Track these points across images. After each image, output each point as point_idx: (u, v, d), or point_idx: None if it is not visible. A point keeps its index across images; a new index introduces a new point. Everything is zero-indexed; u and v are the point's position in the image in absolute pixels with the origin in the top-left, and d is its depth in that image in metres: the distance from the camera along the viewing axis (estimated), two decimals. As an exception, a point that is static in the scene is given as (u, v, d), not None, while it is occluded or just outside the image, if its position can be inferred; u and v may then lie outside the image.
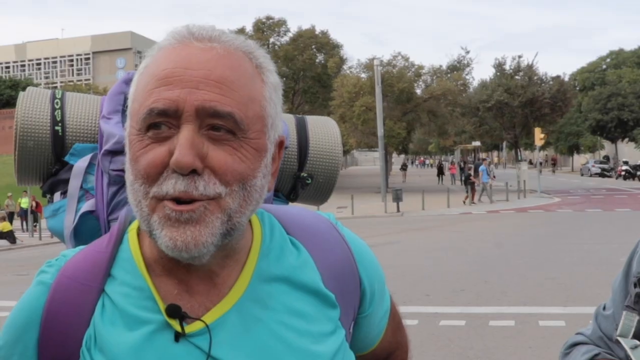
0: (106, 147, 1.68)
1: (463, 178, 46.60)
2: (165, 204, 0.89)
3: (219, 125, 0.90)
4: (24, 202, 32.24)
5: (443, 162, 60.75)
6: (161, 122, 0.89)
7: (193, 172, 0.88)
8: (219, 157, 0.90)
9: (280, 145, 1.02)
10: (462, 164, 51.88)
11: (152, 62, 0.95)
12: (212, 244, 0.90)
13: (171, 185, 0.88)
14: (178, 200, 0.88)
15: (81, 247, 1.08)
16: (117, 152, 1.66)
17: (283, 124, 1.88)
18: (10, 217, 30.84)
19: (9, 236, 24.84)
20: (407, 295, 9.30)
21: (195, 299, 0.97)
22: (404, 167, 60.39)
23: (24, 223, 32.79)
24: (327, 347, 1.01)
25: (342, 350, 1.04)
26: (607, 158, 54.56)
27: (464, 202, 30.01)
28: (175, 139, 0.88)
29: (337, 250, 1.10)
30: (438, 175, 53.47)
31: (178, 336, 0.94)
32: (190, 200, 0.88)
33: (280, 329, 0.98)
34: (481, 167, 30.74)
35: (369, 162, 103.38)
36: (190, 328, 0.95)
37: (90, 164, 1.75)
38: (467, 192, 30.40)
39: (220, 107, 0.89)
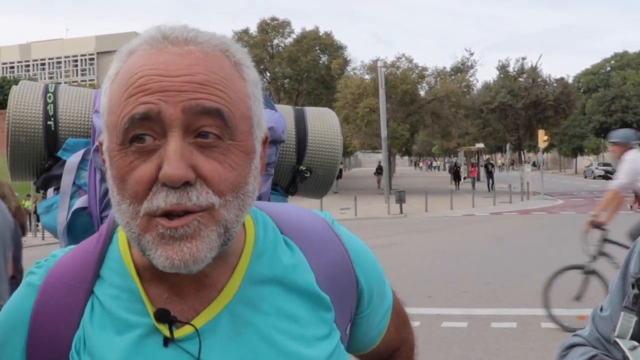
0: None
1: (492, 182, 39.95)
2: (157, 222, 0.84)
3: (206, 130, 0.85)
4: (28, 204, 32.33)
5: (459, 164, 52.24)
6: (144, 134, 0.84)
7: (185, 184, 0.83)
8: (210, 166, 0.85)
9: (265, 141, 0.98)
10: (489, 166, 43.50)
11: (123, 68, 0.89)
12: (210, 258, 0.87)
13: (162, 198, 0.83)
14: (170, 215, 0.84)
15: (71, 247, 1.05)
16: None
17: (279, 116, 1.85)
18: (13, 217, 30.86)
19: (12, 236, 24.89)
20: (409, 297, 9.25)
21: (185, 301, 0.95)
22: (378, 172, 46.28)
23: (28, 223, 32.90)
24: (320, 351, 0.98)
25: (337, 354, 1.02)
26: None
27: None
28: (163, 151, 0.83)
29: (332, 250, 1.06)
30: (455, 181, 46.01)
31: (167, 341, 0.92)
32: (183, 213, 0.84)
33: (271, 332, 0.96)
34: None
35: (372, 163, 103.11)
36: (179, 332, 0.92)
37: (83, 160, 1.71)
38: None
39: (208, 103, 0.84)
